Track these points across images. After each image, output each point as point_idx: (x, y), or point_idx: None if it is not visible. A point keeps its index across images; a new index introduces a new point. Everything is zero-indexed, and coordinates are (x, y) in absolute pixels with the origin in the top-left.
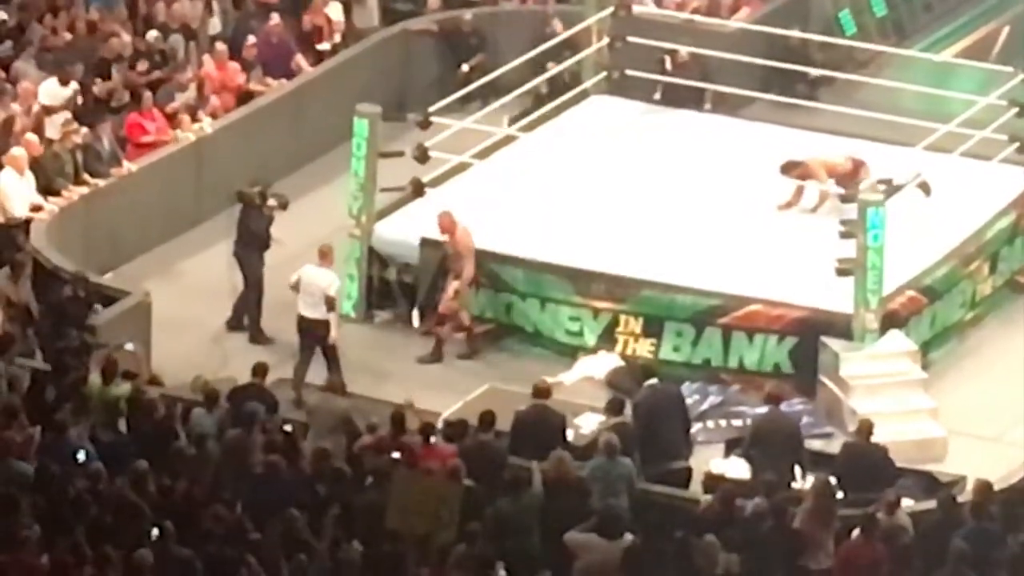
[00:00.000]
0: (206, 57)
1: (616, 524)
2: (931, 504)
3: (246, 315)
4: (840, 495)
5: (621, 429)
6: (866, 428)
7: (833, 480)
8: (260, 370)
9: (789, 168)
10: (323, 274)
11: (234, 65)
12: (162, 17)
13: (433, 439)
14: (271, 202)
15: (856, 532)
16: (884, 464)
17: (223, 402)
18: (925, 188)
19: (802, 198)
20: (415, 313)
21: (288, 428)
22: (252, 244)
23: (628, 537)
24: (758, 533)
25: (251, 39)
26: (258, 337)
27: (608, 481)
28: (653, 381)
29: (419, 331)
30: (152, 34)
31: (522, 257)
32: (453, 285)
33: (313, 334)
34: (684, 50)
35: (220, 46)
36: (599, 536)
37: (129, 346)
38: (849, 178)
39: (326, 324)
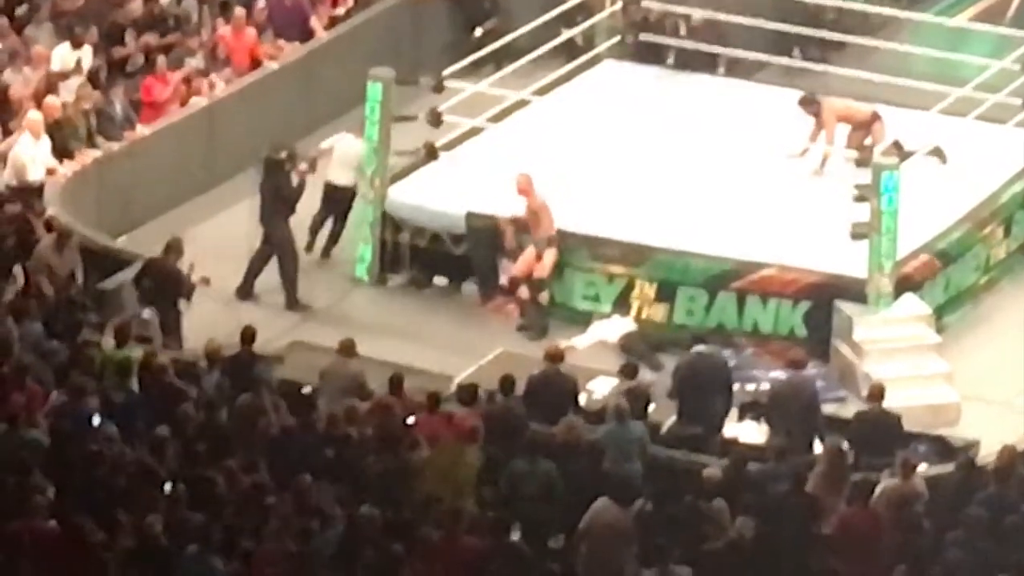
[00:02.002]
0: (220, 21)
1: (629, 489)
2: (947, 468)
3: (283, 282)
4: (854, 460)
5: (633, 394)
6: (877, 392)
7: (846, 445)
8: (248, 336)
9: (806, 102)
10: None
11: (251, 30)
12: None
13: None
14: (302, 166)
15: (875, 497)
16: (897, 429)
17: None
18: (940, 155)
19: (816, 142)
20: (466, 287)
21: (306, 390)
22: (280, 209)
23: (640, 502)
24: (771, 497)
25: (261, 2)
26: (293, 303)
27: (620, 446)
28: (701, 348)
29: (488, 307)
30: None
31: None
32: (540, 250)
33: (339, 202)
34: (698, 14)
35: (239, 11)
36: (611, 500)
37: (146, 313)
38: (862, 128)
39: (354, 193)
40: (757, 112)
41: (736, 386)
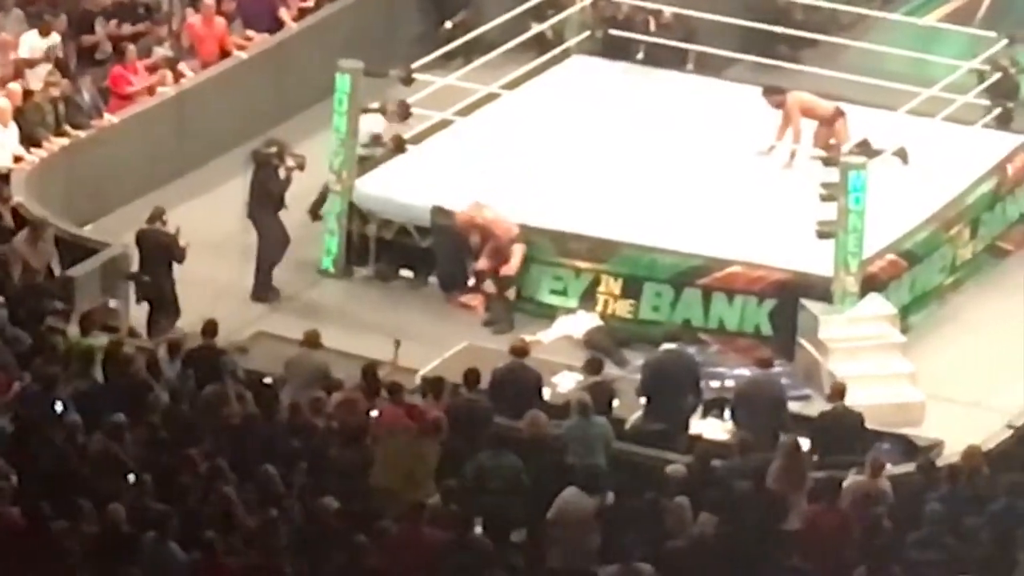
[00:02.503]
0: (190, 10)
1: (593, 483)
2: (909, 467)
3: (256, 272)
4: (816, 458)
5: (597, 389)
6: (838, 390)
7: (808, 443)
8: (210, 329)
9: (771, 92)
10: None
11: (220, 20)
12: None
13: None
14: (290, 162)
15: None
16: (859, 428)
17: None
18: (903, 155)
19: (783, 139)
20: (433, 280)
21: (268, 381)
22: (267, 204)
23: (607, 496)
24: (734, 494)
25: None
26: (262, 295)
27: (584, 440)
28: (671, 345)
29: (453, 301)
30: None
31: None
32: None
33: None
34: (668, 10)
35: (208, 0)
36: (577, 494)
37: (112, 303)
38: (827, 124)
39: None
40: (725, 109)
41: (701, 383)
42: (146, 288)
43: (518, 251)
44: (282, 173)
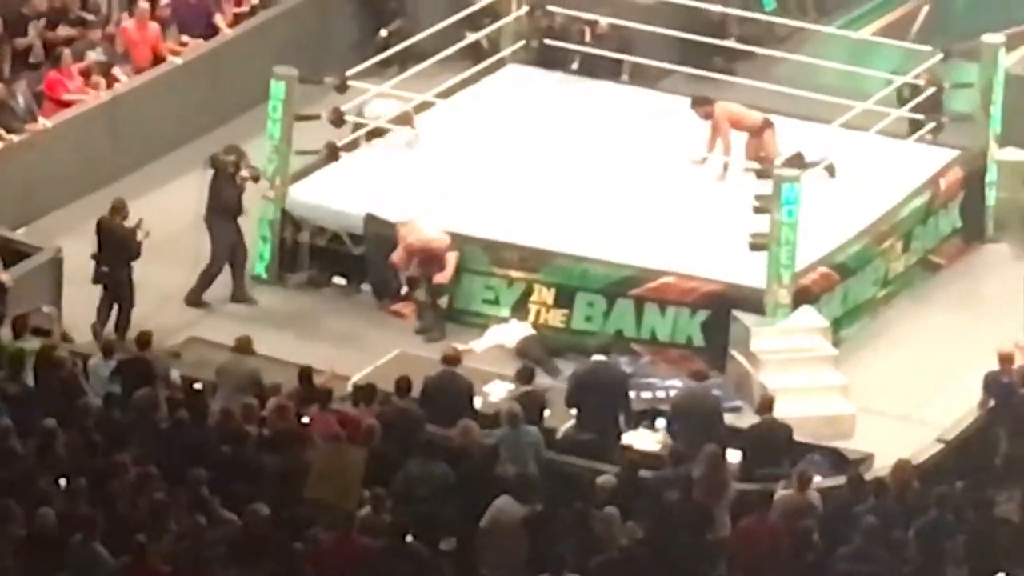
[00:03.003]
0: (125, 15)
1: (524, 492)
2: (839, 480)
3: (199, 276)
4: (746, 470)
5: (528, 398)
6: (767, 403)
7: (739, 455)
8: (144, 339)
9: (699, 102)
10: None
11: (154, 25)
12: None
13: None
14: (244, 173)
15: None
16: (787, 440)
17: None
18: (831, 170)
19: (713, 150)
20: (365, 287)
21: (198, 386)
22: (222, 211)
23: (538, 505)
24: (663, 504)
25: None
26: (195, 300)
27: (514, 450)
28: (600, 357)
29: (386, 308)
30: None
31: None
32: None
33: None
34: (604, 21)
35: (142, 4)
36: (511, 502)
37: (46, 308)
38: (755, 135)
39: None
40: (660, 120)
41: (632, 394)
42: (101, 275)
43: (452, 259)
44: (238, 182)
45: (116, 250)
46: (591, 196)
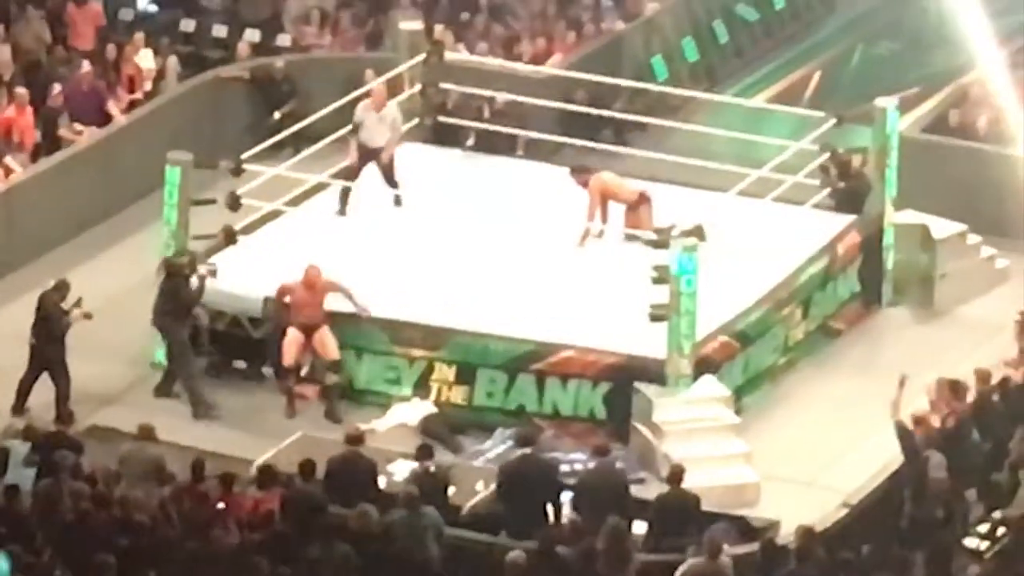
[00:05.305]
0: (6, 102)
1: (423, 574)
2: (751, 548)
3: (180, 383)
4: (652, 542)
5: (427, 478)
6: (677, 474)
7: (645, 526)
8: (66, 417)
9: (577, 171)
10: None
11: (30, 110)
12: None
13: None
14: (201, 270)
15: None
16: (695, 510)
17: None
18: (699, 233)
19: (593, 217)
20: (266, 370)
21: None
22: (177, 312)
23: None
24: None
25: (57, 87)
26: (202, 412)
27: (412, 532)
28: (526, 450)
29: (281, 388)
30: None
31: (335, 310)
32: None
33: (374, 159)
34: (501, 97)
35: (20, 90)
36: None
37: None
38: (632, 208)
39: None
40: (555, 193)
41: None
42: (31, 347)
43: (326, 333)
44: (194, 282)
45: (45, 326)
46: (490, 272)
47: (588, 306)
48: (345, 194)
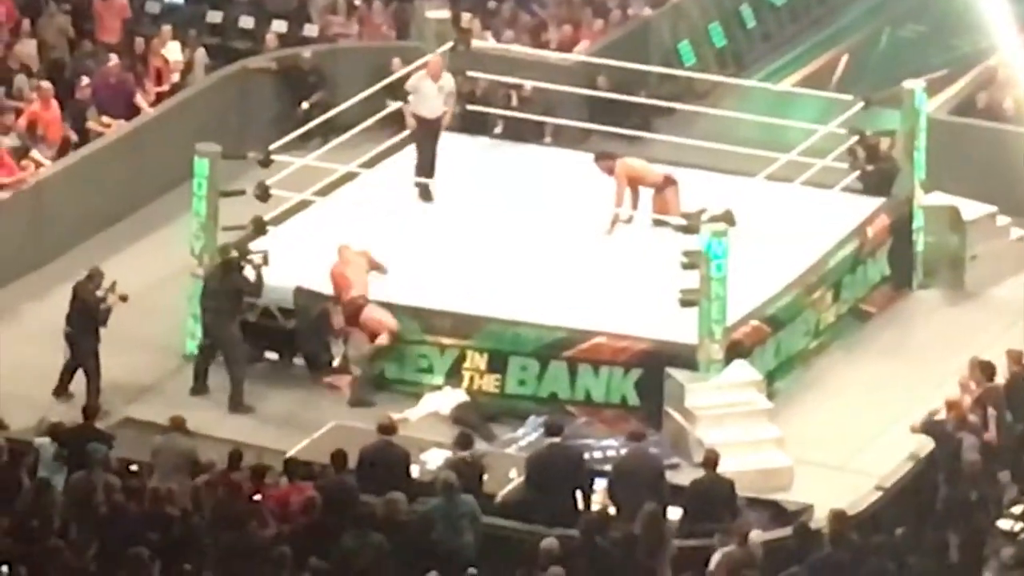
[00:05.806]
0: (34, 95)
1: (459, 561)
2: (784, 532)
3: (231, 382)
4: (687, 527)
5: (465, 465)
6: (712, 459)
7: (680, 512)
8: (94, 411)
9: (601, 157)
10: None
11: (55, 103)
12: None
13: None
14: (255, 258)
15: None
16: (730, 496)
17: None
18: (728, 218)
19: (621, 203)
20: (298, 361)
21: (134, 468)
22: (233, 309)
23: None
24: (607, 564)
25: (84, 80)
26: (238, 406)
27: (449, 520)
28: (555, 439)
29: (320, 382)
30: None
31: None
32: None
33: (429, 131)
34: (528, 84)
35: (45, 84)
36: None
37: None
38: (658, 191)
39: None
40: (584, 180)
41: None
42: (67, 336)
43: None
44: (249, 272)
45: (80, 317)
46: (520, 259)
47: (619, 292)
48: (423, 188)
